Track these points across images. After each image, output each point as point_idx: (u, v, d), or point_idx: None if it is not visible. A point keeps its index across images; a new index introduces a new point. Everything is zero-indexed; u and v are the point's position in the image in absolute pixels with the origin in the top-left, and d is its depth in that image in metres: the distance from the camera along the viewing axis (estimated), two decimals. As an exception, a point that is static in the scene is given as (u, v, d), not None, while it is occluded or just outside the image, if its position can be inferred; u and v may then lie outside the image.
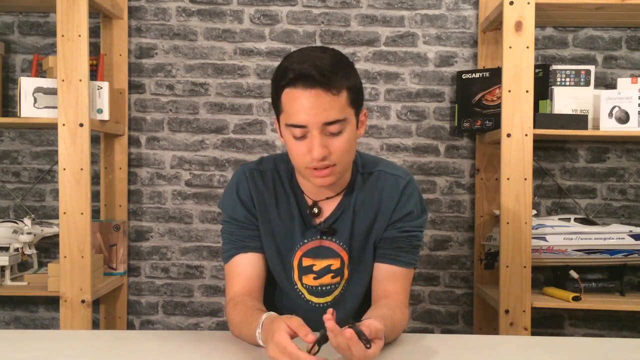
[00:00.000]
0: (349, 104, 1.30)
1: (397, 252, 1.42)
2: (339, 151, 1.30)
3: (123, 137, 2.53)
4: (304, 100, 1.26)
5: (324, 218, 1.44)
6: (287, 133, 1.32)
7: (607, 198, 2.54)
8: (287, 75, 1.27)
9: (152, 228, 2.58)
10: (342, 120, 1.29)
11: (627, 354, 1.33)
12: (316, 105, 1.26)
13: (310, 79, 1.25)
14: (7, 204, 2.59)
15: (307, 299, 1.47)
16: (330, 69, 1.26)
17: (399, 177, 1.44)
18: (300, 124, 1.27)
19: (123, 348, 1.32)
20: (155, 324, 2.59)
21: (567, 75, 2.31)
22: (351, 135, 1.32)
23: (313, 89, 1.25)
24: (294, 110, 1.27)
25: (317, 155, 1.27)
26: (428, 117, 2.55)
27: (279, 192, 1.45)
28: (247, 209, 1.44)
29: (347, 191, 1.45)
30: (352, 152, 1.36)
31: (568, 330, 2.56)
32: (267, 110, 2.55)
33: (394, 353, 1.28)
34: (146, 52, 2.56)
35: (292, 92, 1.27)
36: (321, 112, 1.26)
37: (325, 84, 1.25)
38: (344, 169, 1.35)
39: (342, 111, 1.29)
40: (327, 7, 2.54)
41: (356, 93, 1.33)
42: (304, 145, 1.29)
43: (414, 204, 1.43)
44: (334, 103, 1.27)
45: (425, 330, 2.53)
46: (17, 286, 2.29)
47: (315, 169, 1.31)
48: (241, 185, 1.45)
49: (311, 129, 1.27)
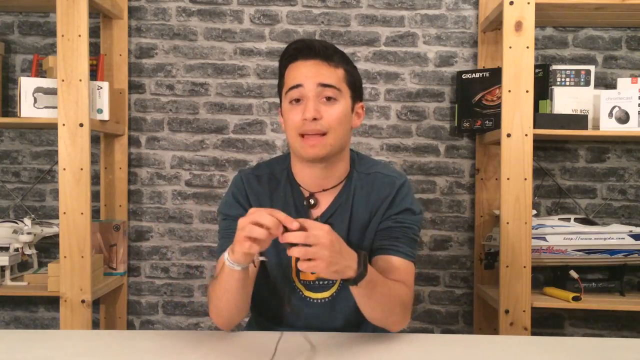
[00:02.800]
0: (345, 82, 1.41)
1: (393, 242, 1.43)
2: (331, 118, 1.38)
3: (123, 137, 2.53)
4: (303, 68, 1.39)
5: (320, 213, 1.46)
6: (286, 104, 1.41)
7: (607, 198, 2.54)
8: (289, 50, 1.41)
9: (152, 228, 2.58)
10: (337, 90, 1.39)
11: (627, 354, 1.34)
12: (314, 70, 1.38)
13: (311, 51, 1.38)
14: (7, 204, 2.59)
15: (304, 295, 1.48)
16: (330, 47, 1.41)
17: (395, 177, 1.48)
18: (297, 83, 1.38)
19: (123, 348, 1.32)
20: (155, 324, 2.59)
21: (567, 75, 2.32)
22: (345, 110, 1.40)
23: (312, 59, 1.38)
24: (293, 76, 1.39)
25: (309, 115, 1.35)
26: (428, 117, 2.55)
27: (275, 191, 1.49)
28: (242, 207, 1.47)
29: (344, 186, 1.47)
30: (344, 128, 1.41)
31: (568, 330, 2.56)
32: (267, 110, 2.55)
33: (394, 353, 1.28)
34: (146, 52, 2.56)
35: (294, 65, 1.40)
36: (319, 75, 1.37)
37: (324, 55, 1.38)
38: (335, 144, 1.40)
39: (338, 82, 1.39)
40: (327, 7, 2.54)
41: (353, 79, 1.43)
42: (299, 110, 1.38)
43: (409, 203, 1.46)
44: (331, 72, 1.39)
45: (425, 330, 2.53)
46: (17, 286, 2.29)
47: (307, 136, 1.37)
48: (238, 188, 1.50)
49: (307, 90, 1.37)
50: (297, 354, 1.24)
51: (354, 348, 1.30)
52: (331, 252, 1.15)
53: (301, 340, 1.33)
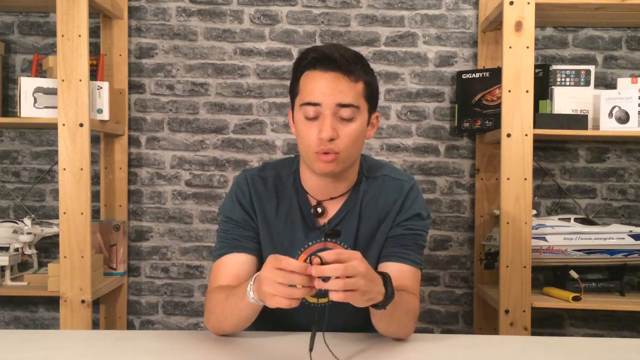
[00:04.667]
0: (364, 96, 1.34)
1: (403, 250, 1.43)
2: (346, 138, 1.32)
3: (123, 137, 2.53)
4: (322, 81, 1.30)
5: (328, 219, 1.44)
6: (299, 115, 1.34)
7: (607, 198, 2.54)
8: (308, 56, 1.32)
9: (152, 228, 2.58)
10: (356, 107, 1.32)
11: (627, 354, 1.34)
12: (333, 86, 1.30)
13: (331, 62, 1.29)
14: (7, 204, 2.59)
15: (308, 302, 1.46)
16: (351, 58, 1.32)
17: (403, 181, 1.46)
18: (314, 101, 1.30)
19: (123, 348, 1.32)
20: (155, 324, 2.59)
21: (567, 75, 2.31)
22: (361, 127, 1.35)
23: (332, 71, 1.30)
24: (310, 89, 1.31)
25: (326, 135, 1.29)
26: (428, 117, 2.55)
27: (281, 197, 1.45)
28: (245, 211, 1.44)
29: (352, 193, 1.45)
30: (358, 145, 1.37)
31: (568, 330, 2.56)
32: (267, 110, 2.55)
33: (394, 353, 1.28)
34: (146, 52, 2.56)
35: (312, 74, 1.32)
36: (337, 93, 1.30)
37: (344, 69, 1.30)
38: (348, 160, 1.36)
39: (357, 99, 1.32)
40: (327, 7, 2.54)
41: (372, 90, 1.37)
42: (315, 127, 1.31)
43: (419, 207, 1.45)
44: (351, 88, 1.31)
45: (425, 330, 2.53)
46: (17, 286, 2.29)
47: (321, 153, 1.32)
48: (242, 189, 1.46)
49: (324, 109, 1.30)
50: (296, 353, 1.24)
51: (353, 348, 1.30)
52: (366, 281, 1.11)
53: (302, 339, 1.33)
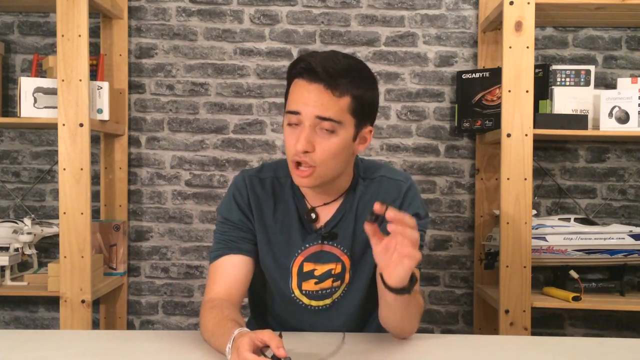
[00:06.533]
0: (349, 111, 1.31)
1: None
2: (324, 153, 1.30)
3: (123, 137, 2.53)
4: (305, 92, 1.29)
5: (324, 223, 1.44)
6: (285, 121, 1.34)
7: (607, 198, 2.54)
8: (297, 65, 1.32)
9: (152, 228, 2.58)
10: (337, 122, 1.29)
11: (627, 354, 1.34)
12: (315, 99, 1.28)
13: (314, 74, 1.28)
14: (7, 204, 2.59)
15: (305, 304, 1.46)
16: (338, 71, 1.28)
17: (401, 181, 1.45)
18: (295, 110, 1.30)
19: (123, 348, 1.32)
20: (155, 324, 2.59)
21: (567, 75, 2.31)
22: (344, 142, 1.32)
23: (315, 83, 1.28)
24: (295, 98, 1.31)
25: (299, 147, 1.28)
26: (428, 117, 2.55)
27: (278, 199, 1.45)
28: (243, 213, 1.43)
29: (346, 197, 1.44)
30: (340, 160, 1.34)
31: (568, 330, 2.56)
32: (267, 110, 2.55)
33: (394, 353, 1.28)
34: (146, 52, 2.56)
35: (299, 83, 1.31)
36: (318, 105, 1.28)
37: (328, 83, 1.28)
38: (327, 175, 1.34)
39: (340, 114, 1.30)
40: (327, 7, 2.54)
41: (362, 105, 1.33)
42: (294, 135, 1.31)
43: (417, 207, 1.44)
44: (333, 103, 1.29)
45: (425, 330, 2.53)
46: (17, 286, 2.29)
47: (298, 164, 1.32)
48: (240, 191, 1.45)
49: (304, 119, 1.29)
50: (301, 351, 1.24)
51: (353, 348, 1.30)
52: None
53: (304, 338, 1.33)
